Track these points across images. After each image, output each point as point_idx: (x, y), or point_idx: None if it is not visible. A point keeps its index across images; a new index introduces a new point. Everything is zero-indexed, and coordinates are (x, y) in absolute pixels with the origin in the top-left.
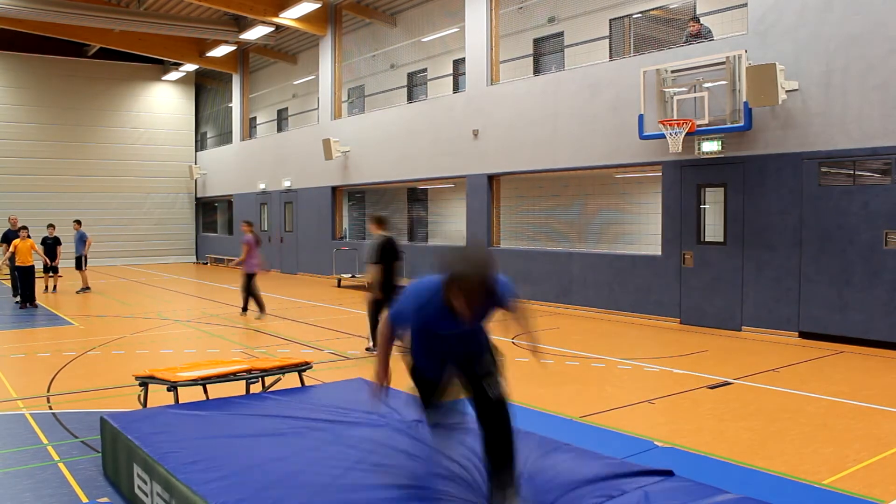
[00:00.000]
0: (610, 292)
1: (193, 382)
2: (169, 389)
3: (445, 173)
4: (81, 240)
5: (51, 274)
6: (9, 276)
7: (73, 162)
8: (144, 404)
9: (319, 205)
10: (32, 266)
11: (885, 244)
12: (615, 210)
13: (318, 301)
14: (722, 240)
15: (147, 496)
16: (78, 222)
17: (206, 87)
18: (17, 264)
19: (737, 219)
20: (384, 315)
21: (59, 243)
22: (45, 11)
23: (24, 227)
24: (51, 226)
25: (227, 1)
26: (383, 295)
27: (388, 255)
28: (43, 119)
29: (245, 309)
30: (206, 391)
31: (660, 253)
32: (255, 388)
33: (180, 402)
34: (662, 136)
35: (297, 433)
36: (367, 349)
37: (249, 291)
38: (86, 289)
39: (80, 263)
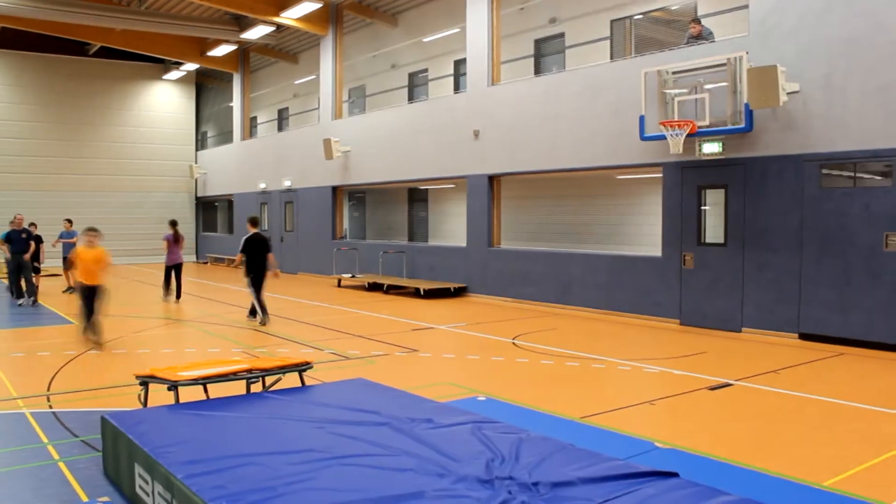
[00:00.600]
0: (610, 293)
1: (194, 382)
2: (169, 389)
3: (446, 174)
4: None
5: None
6: (7, 276)
7: (74, 161)
8: (145, 404)
9: (320, 205)
10: (97, 287)
11: (885, 246)
12: (616, 211)
13: (318, 301)
14: (722, 241)
15: (148, 495)
16: (69, 221)
17: (206, 86)
18: (80, 281)
19: (737, 220)
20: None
21: (41, 241)
22: (47, 10)
23: (93, 229)
24: (32, 224)
25: (228, 0)
26: (251, 276)
27: (251, 247)
28: (44, 118)
29: (175, 295)
30: (206, 391)
31: (660, 254)
32: (256, 387)
33: (181, 401)
34: (663, 138)
35: (297, 433)
36: (251, 313)
37: (168, 279)
38: (71, 289)
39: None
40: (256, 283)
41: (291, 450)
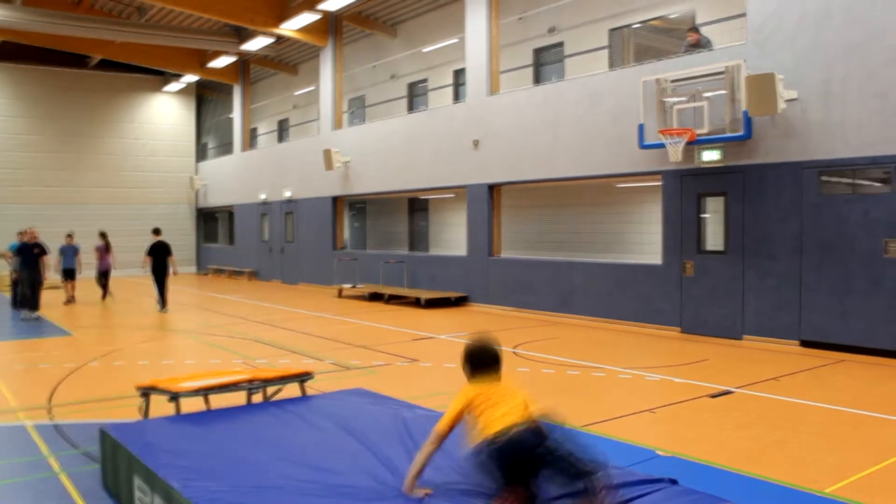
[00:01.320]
0: (610, 301)
1: (195, 393)
2: (170, 400)
3: (446, 183)
4: (76, 252)
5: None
6: (9, 287)
7: (74, 173)
8: (146, 415)
9: (320, 215)
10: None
11: (885, 252)
12: (616, 219)
13: (318, 311)
14: (722, 248)
15: None
16: (70, 235)
17: (207, 97)
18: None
19: (737, 227)
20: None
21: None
22: (47, 23)
23: None
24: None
25: (228, 12)
26: (154, 276)
27: (155, 251)
28: (43, 130)
29: (105, 296)
30: (207, 401)
31: (660, 262)
32: (257, 398)
33: (182, 412)
34: (662, 146)
35: (298, 443)
36: (158, 302)
37: (103, 282)
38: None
39: (73, 274)
40: (159, 280)
41: (292, 460)
